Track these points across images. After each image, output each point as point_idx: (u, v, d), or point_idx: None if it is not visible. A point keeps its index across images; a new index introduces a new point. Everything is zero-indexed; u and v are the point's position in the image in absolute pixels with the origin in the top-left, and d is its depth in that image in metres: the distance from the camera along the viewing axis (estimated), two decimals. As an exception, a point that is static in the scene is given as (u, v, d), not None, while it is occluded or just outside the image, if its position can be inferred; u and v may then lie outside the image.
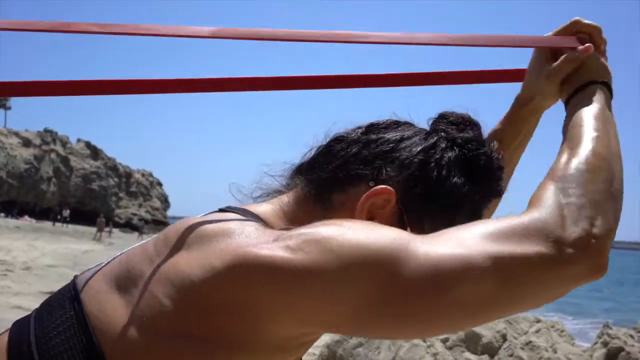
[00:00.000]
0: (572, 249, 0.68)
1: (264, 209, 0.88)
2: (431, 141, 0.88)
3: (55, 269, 13.36)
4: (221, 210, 0.86)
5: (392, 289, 0.66)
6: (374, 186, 0.84)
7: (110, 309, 0.73)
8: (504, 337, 5.55)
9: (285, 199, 0.91)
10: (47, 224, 36.89)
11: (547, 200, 0.73)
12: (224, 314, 0.68)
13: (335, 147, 0.91)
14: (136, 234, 42.56)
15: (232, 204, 0.90)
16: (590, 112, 0.86)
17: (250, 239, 0.71)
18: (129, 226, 52.36)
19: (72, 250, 19.67)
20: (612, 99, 0.91)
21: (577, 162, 0.77)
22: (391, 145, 0.88)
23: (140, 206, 59.42)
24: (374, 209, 0.84)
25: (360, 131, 0.93)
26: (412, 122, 0.95)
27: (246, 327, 0.69)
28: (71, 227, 37.34)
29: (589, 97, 0.89)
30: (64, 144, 53.22)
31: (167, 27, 0.89)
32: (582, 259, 0.68)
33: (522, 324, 5.67)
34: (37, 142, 49.23)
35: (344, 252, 0.67)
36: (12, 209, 43.85)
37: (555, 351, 5.76)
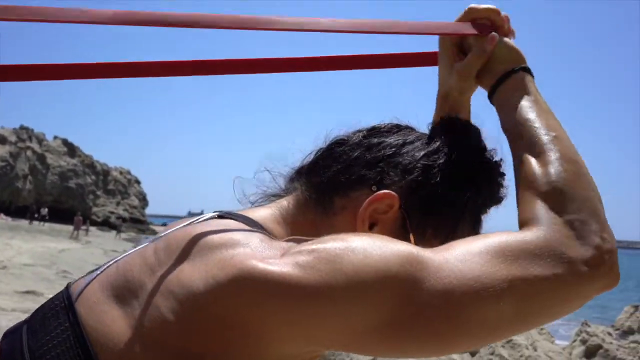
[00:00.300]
0: (587, 267, 0.69)
1: (263, 213, 0.86)
2: (434, 146, 0.87)
3: (31, 268, 13.16)
4: (220, 216, 0.82)
5: (405, 310, 0.65)
6: (377, 191, 0.83)
7: (108, 321, 0.70)
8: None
9: (284, 203, 0.89)
10: (24, 223, 36.30)
11: (547, 218, 0.72)
12: (226, 329, 0.65)
13: (336, 150, 0.89)
14: (114, 233, 42.34)
15: (225, 207, 0.87)
16: (529, 106, 0.85)
17: (256, 252, 0.68)
18: (106, 225, 51.88)
19: (49, 249, 19.38)
20: (534, 78, 0.90)
21: (555, 171, 0.77)
22: (393, 149, 0.87)
23: (118, 204, 58.92)
24: (376, 214, 0.82)
25: (361, 134, 0.91)
26: (413, 126, 0.94)
27: (249, 343, 0.66)
28: (48, 225, 36.78)
29: (517, 89, 0.88)
30: (40, 141, 52.49)
31: (56, 10, 0.78)
32: (598, 275, 0.70)
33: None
34: (13, 139, 48.44)
35: (355, 272, 0.64)
36: (-13, 207, 43.11)
37: (535, 349, 5.82)
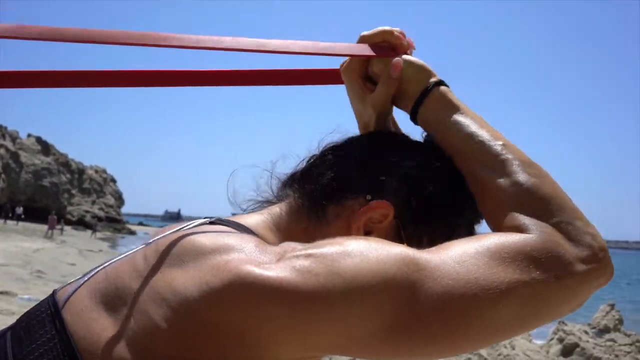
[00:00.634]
0: (584, 266, 0.71)
1: (255, 220, 0.84)
2: (429, 155, 0.87)
3: (5, 268, 12.92)
4: (211, 222, 0.81)
5: (404, 314, 0.64)
6: (371, 200, 0.82)
7: (98, 329, 0.67)
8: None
9: (276, 210, 0.87)
10: (-4, 222, 35.69)
11: (533, 224, 0.73)
12: (220, 336, 0.63)
13: (330, 158, 0.88)
14: (89, 232, 41.85)
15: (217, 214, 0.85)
16: (462, 121, 0.85)
17: (251, 257, 0.66)
18: (81, 224, 51.32)
19: (23, 248, 19.06)
20: (451, 89, 0.89)
21: (522, 179, 0.77)
22: (388, 158, 0.86)
23: (93, 203, 58.25)
24: (370, 223, 0.82)
25: (355, 142, 0.90)
26: (406, 134, 0.94)
27: (246, 350, 0.64)
28: (22, 225, 36.16)
29: (440, 106, 0.87)
30: (14, 139, 51.54)
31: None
32: (595, 273, 0.72)
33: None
34: (-15, 136, 47.54)
35: (353, 276, 0.63)
36: (-42, 205, 42.23)
37: (513, 347, 5.90)
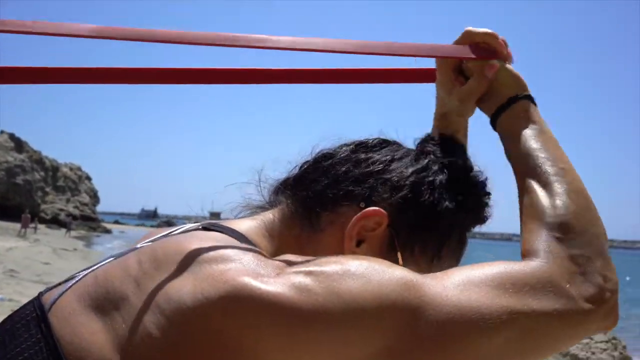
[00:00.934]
0: (588, 305, 0.69)
1: (247, 226, 0.83)
2: (422, 163, 0.86)
3: (-23, 267, 12.67)
4: (205, 227, 0.79)
5: (402, 339, 0.63)
6: (365, 207, 0.81)
7: (87, 334, 0.64)
8: None
9: (269, 216, 0.86)
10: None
11: (551, 251, 0.72)
12: (213, 349, 0.61)
13: (323, 165, 0.88)
14: (64, 231, 41.28)
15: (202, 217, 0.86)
16: (535, 135, 0.86)
17: (249, 268, 0.65)
18: (56, 222, 50.56)
19: (-5, 247, 18.71)
20: (537, 108, 0.90)
21: (563, 203, 0.77)
22: (382, 165, 0.85)
23: (68, 201, 57.51)
24: (364, 231, 0.81)
25: (349, 149, 0.89)
26: (400, 142, 0.93)
27: None
28: (-7, 223, 35.56)
29: (521, 117, 0.88)
30: (-14, 135, 50.67)
31: (35, 23, 0.78)
32: (598, 314, 0.70)
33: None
34: (-44, 133, 46.59)
35: (354, 298, 0.62)
36: None
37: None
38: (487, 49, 0.93)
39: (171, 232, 0.80)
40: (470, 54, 0.92)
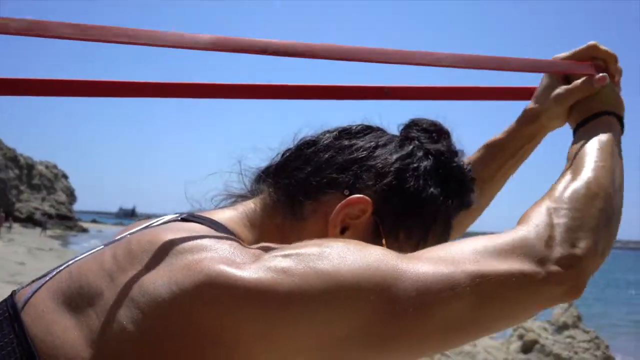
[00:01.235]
0: (554, 267, 0.69)
1: (228, 215, 0.82)
2: (407, 150, 0.86)
3: (-52, 268, 12.40)
4: (183, 219, 0.77)
5: (384, 315, 0.63)
6: (349, 195, 0.81)
7: (60, 332, 0.63)
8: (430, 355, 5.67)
9: (250, 205, 0.85)
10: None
11: (538, 218, 0.73)
12: (192, 340, 0.60)
13: (306, 152, 0.86)
14: (39, 230, 40.98)
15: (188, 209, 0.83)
16: (599, 142, 0.87)
17: (224, 256, 0.64)
18: (31, 221, 50.27)
19: (-32, 247, 18.35)
20: (622, 134, 0.91)
21: (575, 185, 0.78)
22: (366, 152, 0.85)
23: (43, 200, 57.03)
24: (348, 219, 0.80)
25: (332, 136, 0.88)
26: (383, 128, 0.92)
27: (217, 356, 0.61)
28: (-34, 222, 34.97)
29: (600, 128, 0.89)
30: (-42, 132, 49.85)
31: (155, 33, 0.77)
32: (562, 278, 0.69)
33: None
34: None
35: (331, 277, 0.62)
36: None
37: (475, 345, 5.97)
38: (601, 67, 0.95)
39: (149, 225, 0.78)
40: (590, 71, 0.94)
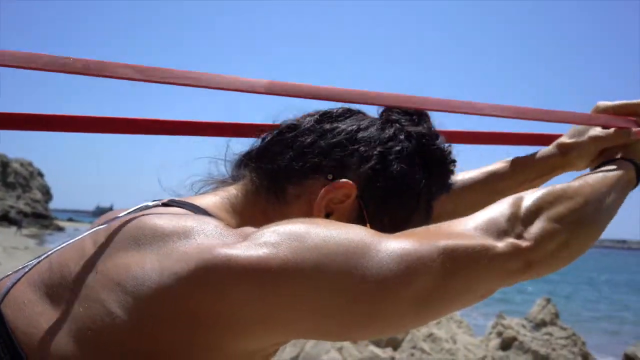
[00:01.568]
0: (511, 240, 0.71)
1: (210, 201, 0.81)
2: (389, 133, 0.86)
3: None
4: (164, 204, 0.76)
5: (362, 287, 0.63)
6: (333, 179, 0.81)
7: (43, 323, 0.62)
8: (407, 330, 5.71)
9: (232, 190, 0.84)
10: None
11: (507, 200, 0.76)
12: (185, 326, 0.59)
13: (287, 136, 0.86)
14: (14, 228, 40.41)
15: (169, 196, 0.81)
16: (603, 172, 0.90)
17: (214, 239, 0.63)
18: (5, 220, 49.39)
19: (-60, 245, 17.97)
20: (635, 186, 0.93)
21: (554, 187, 0.80)
22: (348, 136, 0.84)
23: (18, 198, 56.12)
24: (332, 204, 0.81)
25: (313, 119, 0.88)
26: (363, 111, 0.92)
27: (209, 340, 0.60)
28: (-62, 220, 34.32)
29: (614, 167, 0.92)
30: None
31: (214, 77, 0.79)
32: (518, 251, 0.71)
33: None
34: None
35: (319, 248, 0.62)
36: None
37: (455, 342, 5.99)
38: (637, 122, 0.99)
39: (132, 211, 0.77)
40: (631, 125, 0.99)
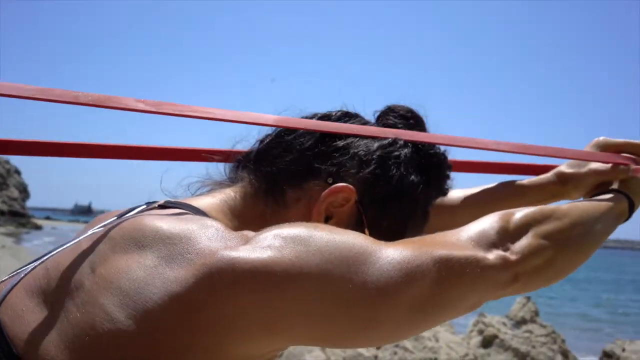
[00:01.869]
0: (500, 252, 0.72)
1: (207, 202, 0.80)
2: (391, 138, 0.86)
3: None
4: (161, 205, 0.75)
5: (363, 292, 0.63)
6: (332, 183, 0.80)
7: (41, 330, 0.61)
8: (399, 340, 5.74)
9: (230, 193, 0.83)
10: None
11: (498, 214, 0.77)
12: (186, 329, 0.57)
13: (286, 139, 0.85)
14: (-10, 227, 39.74)
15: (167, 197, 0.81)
16: (594, 201, 0.91)
17: (217, 242, 0.62)
18: (-19, 218, 48.52)
19: None
20: (627, 218, 0.95)
21: (544, 208, 0.81)
22: (347, 139, 0.84)
23: (-6, 196, 55.28)
24: (331, 208, 0.80)
25: None
26: (360, 114, 0.92)
27: (209, 343, 0.59)
28: None
29: (608, 199, 0.93)
30: None
31: (226, 112, 0.81)
32: (507, 264, 0.72)
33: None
34: None
35: (322, 252, 0.62)
36: None
37: (437, 340, 6.04)
38: (633, 159, 1.01)
39: (127, 212, 0.76)
40: (629, 162, 1.01)
